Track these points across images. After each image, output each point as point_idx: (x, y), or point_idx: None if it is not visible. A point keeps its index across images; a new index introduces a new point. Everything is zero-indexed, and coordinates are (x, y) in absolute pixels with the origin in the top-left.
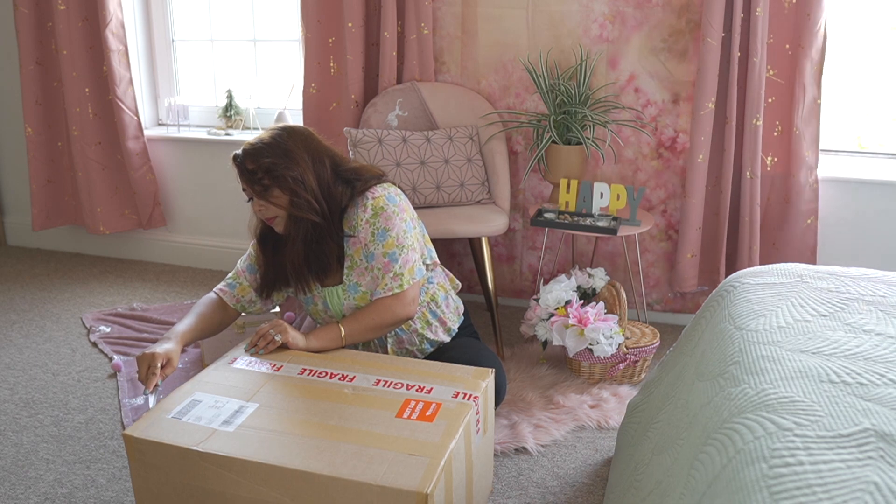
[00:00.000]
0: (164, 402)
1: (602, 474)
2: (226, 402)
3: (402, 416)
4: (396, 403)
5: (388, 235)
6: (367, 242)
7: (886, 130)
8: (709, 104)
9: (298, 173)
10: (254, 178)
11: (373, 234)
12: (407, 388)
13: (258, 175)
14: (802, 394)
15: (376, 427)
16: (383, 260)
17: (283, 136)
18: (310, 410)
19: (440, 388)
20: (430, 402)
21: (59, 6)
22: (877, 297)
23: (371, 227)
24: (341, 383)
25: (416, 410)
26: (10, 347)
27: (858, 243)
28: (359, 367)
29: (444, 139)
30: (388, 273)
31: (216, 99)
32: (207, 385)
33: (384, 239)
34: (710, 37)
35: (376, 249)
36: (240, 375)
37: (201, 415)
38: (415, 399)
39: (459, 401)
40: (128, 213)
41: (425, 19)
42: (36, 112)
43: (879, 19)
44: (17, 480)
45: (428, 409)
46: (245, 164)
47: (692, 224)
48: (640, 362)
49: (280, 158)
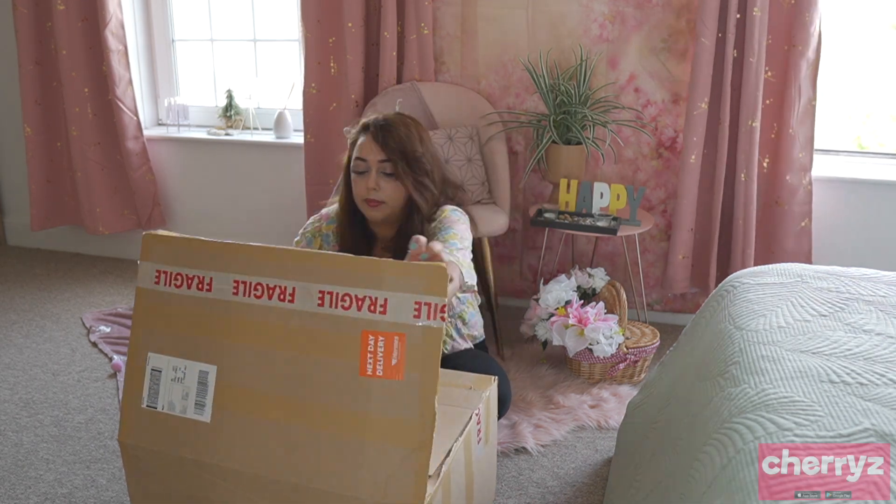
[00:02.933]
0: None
1: (602, 474)
2: (184, 367)
3: (367, 373)
4: (354, 345)
5: (451, 230)
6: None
7: (885, 130)
8: (702, 104)
9: (430, 174)
10: (392, 156)
11: (437, 228)
12: (358, 308)
13: (395, 156)
14: (802, 394)
15: (344, 398)
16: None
17: (421, 129)
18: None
19: (396, 299)
20: (392, 336)
21: (58, 6)
22: (877, 297)
23: (437, 225)
24: (283, 306)
25: (378, 357)
26: (10, 347)
27: (857, 243)
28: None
29: (444, 139)
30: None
31: (216, 99)
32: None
33: (447, 232)
34: (704, 36)
35: (438, 237)
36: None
37: (171, 398)
38: (372, 332)
39: (424, 323)
40: (127, 213)
41: (425, 19)
42: (35, 112)
43: (878, 18)
44: (17, 480)
45: (392, 353)
46: (388, 140)
47: (684, 225)
48: (640, 362)
49: (426, 153)
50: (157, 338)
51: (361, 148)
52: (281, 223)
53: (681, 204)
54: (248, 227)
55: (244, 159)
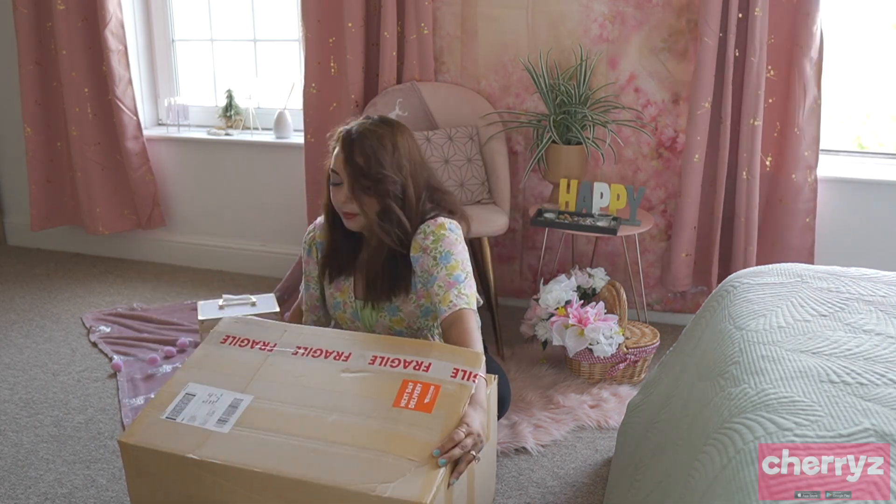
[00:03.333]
0: (159, 397)
1: (602, 474)
2: (220, 395)
3: (400, 405)
4: (393, 387)
5: (452, 259)
6: (428, 269)
7: (886, 130)
8: (705, 104)
9: (399, 191)
10: (357, 172)
11: (434, 258)
12: (404, 366)
13: (361, 173)
14: (802, 394)
15: (373, 421)
16: (448, 279)
17: (395, 138)
18: (305, 402)
19: (439, 365)
20: (429, 385)
21: (58, 6)
22: (877, 297)
23: (433, 252)
24: (336, 363)
25: (413, 396)
26: (10, 347)
27: (857, 243)
28: (355, 344)
29: (444, 139)
30: (452, 289)
31: (216, 99)
32: (200, 373)
33: (448, 262)
34: (707, 36)
35: (439, 272)
36: (233, 357)
37: (195, 413)
38: (412, 380)
39: (458, 381)
40: (127, 213)
41: (425, 19)
42: (35, 112)
43: (878, 18)
44: (17, 480)
45: (426, 395)
46: (353, 154)
47: (687, 224)
48: (640, 362)
49: (391, 169)
50: (204, 373)
51: (335, 160)
52: (281, 223)
53: (683, 202)
54: (248, 227)
55: (244, 159)
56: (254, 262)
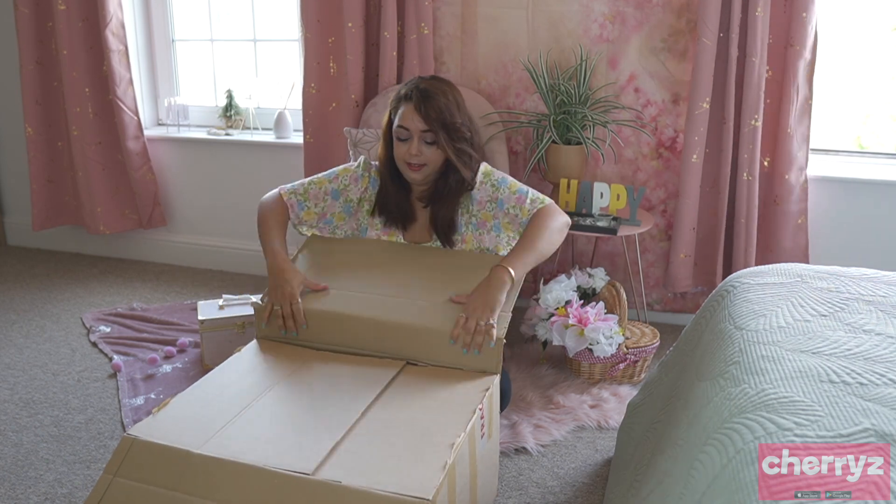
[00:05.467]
0: None
1: (602, 474)
2: None
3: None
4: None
5: (508, 180)
6: (489, 198)
7: (885, 130)
8: (703, 104)
9: (469, 137)
10: (433, 126)
11: (493, 185)
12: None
13: (436, 127)
14: (802, 394)
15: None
16: (515, 196)
17: (457, 93)
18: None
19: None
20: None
21: (59, 6)
22: (877, 297)
23: (488, 184)
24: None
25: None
26: (10, 347)
27: (857, 244)
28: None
29: None
30: (525, 201)
31: (216, 99)
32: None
33: (506, 183)
34: (706, 37)
35: (503, 194)
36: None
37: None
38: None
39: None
40: (128, 213)
41: (425, 19)
42: (36, 112)
43: (878, 19)
44: (17, 480)
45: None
46: (429, 110)
47: (686, 224)
48: (640, 362)
49: (464, 119)
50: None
51: (403, 116)
52: None
53: (682, 203)
54: (248, 227)
55: (244, 159)
56: (254, 262)
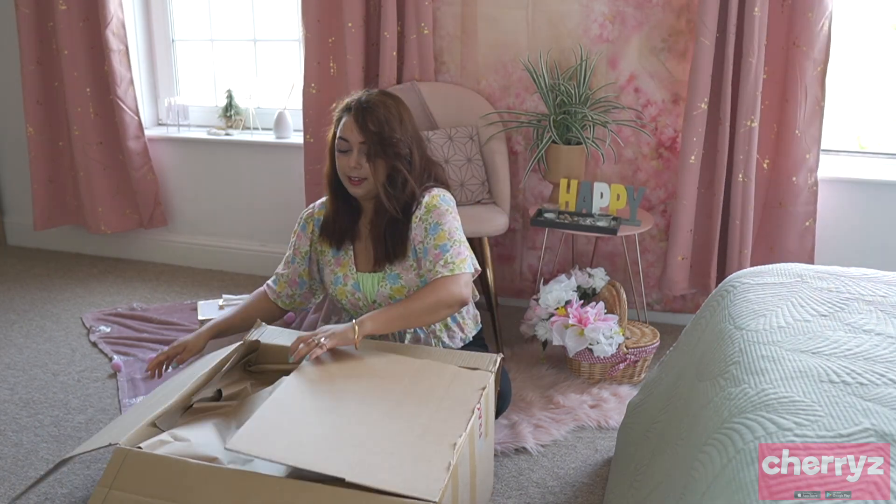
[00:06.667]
0: None
1: (602, 474)
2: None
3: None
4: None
5: (440, 229)
6: (421, 240)
7: (886, 130)
8: (701, 105)
9: (408, 156)
10: (370, 137)
11: (425, 229)
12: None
13: (375, 138)
14: (802, 394)
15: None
16: (434, 252)
17: (402, 108)
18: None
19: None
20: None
21: (59, 6)
22: (877, 297)
23: (424, 224)
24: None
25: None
26: (10, 347)
27: (857, 243)
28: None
29: (444, 139)
30: (438, 261)
31: (216, 99)
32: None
33: (436, 232)
34: (704, 36)
35: (428, 244)
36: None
37: None
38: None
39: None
40: (129, 212)
41: (425, 19)
42: (37, 112)
43: (880, 18)
44: (17, 480)
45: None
46: (366, 121)
47: (683, 226)
48: (640, 362)
49: (403, 134)
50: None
51: (344, 127)
52: (281, 223)
53: (680, 204)
54: (248, 227)
55: (244, 159)
56: (254, 262)
